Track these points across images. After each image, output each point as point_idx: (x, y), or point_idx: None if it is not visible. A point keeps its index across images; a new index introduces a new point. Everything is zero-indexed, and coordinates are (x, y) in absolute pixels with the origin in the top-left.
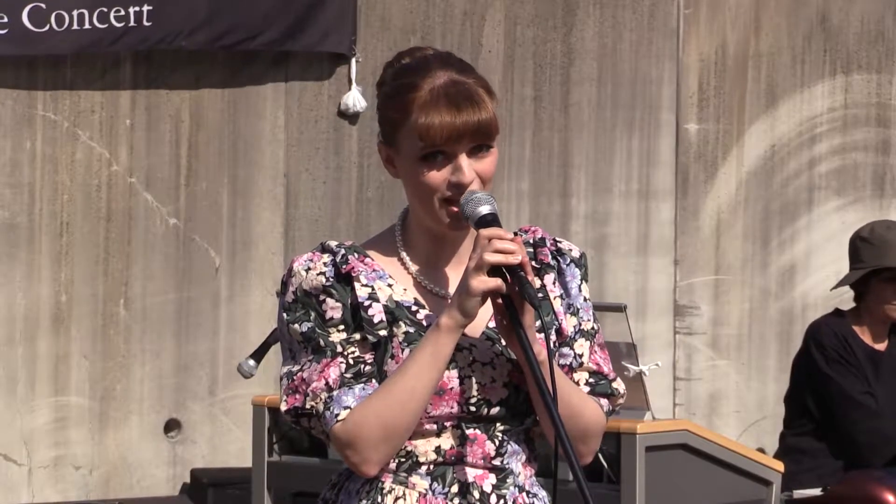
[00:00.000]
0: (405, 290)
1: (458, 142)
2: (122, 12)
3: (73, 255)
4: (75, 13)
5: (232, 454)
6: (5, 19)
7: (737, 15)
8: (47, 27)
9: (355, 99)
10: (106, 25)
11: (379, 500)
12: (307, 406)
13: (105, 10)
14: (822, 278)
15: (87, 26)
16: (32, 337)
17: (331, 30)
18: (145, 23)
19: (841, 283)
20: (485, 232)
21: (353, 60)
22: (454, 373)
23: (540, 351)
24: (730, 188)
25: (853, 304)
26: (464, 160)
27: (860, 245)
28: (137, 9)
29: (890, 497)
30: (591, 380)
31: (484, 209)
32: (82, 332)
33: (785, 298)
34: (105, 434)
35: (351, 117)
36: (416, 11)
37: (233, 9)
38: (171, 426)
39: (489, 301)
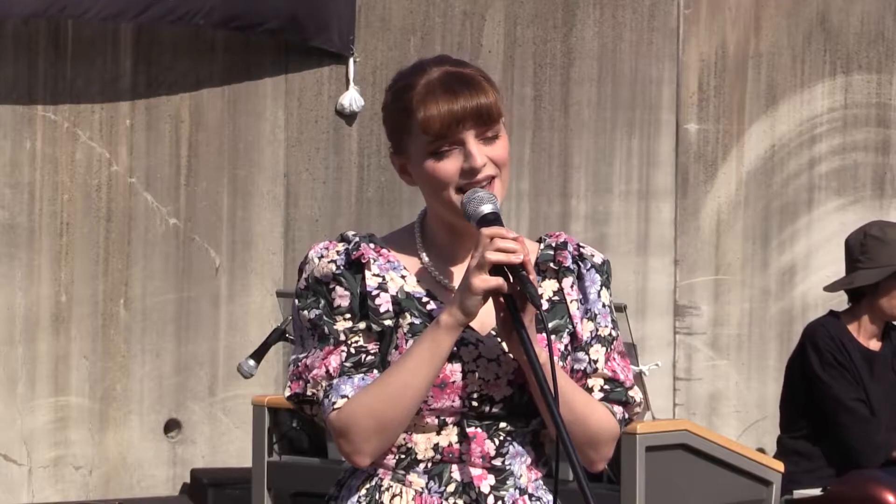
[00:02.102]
0: (418, 281)
1: (462, 127)
2: None
3: (73, 255)
4: None
5: (232, 454)
6: None
7: (737, 15)
8: None
9: (352, 99)
10: None
11: (377, 496)
12: (308, 393)
13: None
14: (822, 278)
15: None
16: (32, 337)
17: (331, 29)
18: None
19: (854, 283)
20: (487, 231)
21: (351, 60)
22: (458, 366)
23: (541, 352)
24: (730, 188)
25: (848, 305)
26: (472, 145)
27: (871, 243)
28: None
29: (890, 497)
30: (605, 386)
31: (486, 208)
32: (82, 332)
33: (785, 298)
34: (105, 434)
35: (348, 117)
36: (416, 11)
37: None
38: (171, 426)
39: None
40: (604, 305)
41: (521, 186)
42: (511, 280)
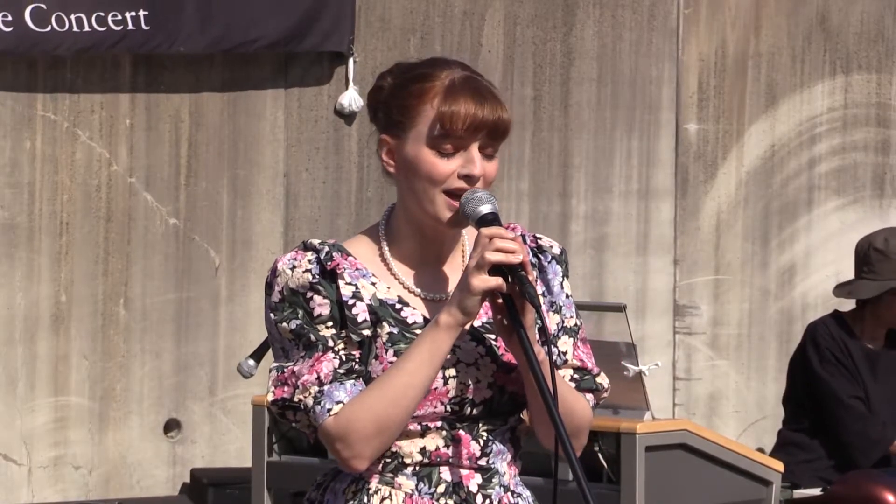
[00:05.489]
0: (389, 287)
1: (476, 133)
2: (119, 17)
3: (73, 255)
4: (73, 17)
5: (232, 454)
6: (9, 17)
7: (737, 15)
8: (49, 28)
9: (352, 99)
10: (104, 29)
11: (365, 500)
12: (295, 399)
13: (102, 14)
14: (821, 278)
15: (86, 29)
16: (32, 337)
17: (330, 30)
18: (143, 27)
19: (853, 295)
20: (486, 231)
21: (351, 60)
22: (438, 373)
23: (539, 351)
24: (730, 188)
25: (853, 307)
26: (476, 153)
27: (874, 256)
28: (134, 14)
29: (890, 497)
30: (575, 375)
31: (485, 208)
32: (82, 332)
33: (785, 298)
34: (105, 434)
35: (347, 117)
36: (416, 11)
37: (229, 13)
38: (171, 426)
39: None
40: (567, 296)
41: (520, 186)
42: (510, 280)
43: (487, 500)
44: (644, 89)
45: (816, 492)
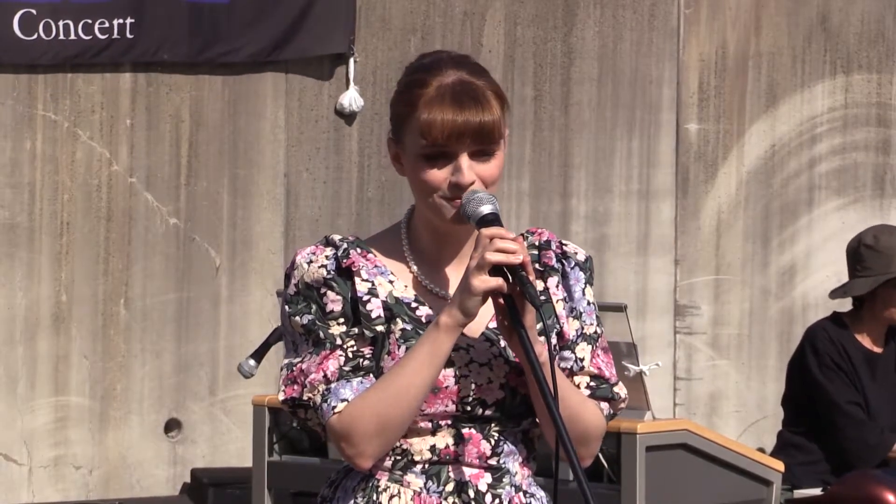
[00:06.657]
0: (406, 286)
1: (460, 141)
2: (107, 24)
3: (73, 255)
4: (61, 24)
5: (232, 454)
6: None
7: (737, 15)
8: (36, 36)
9: (352, 99)
10: (90, 37)
11: (374, 497)
12: (304, 397)
13: (90, 21)
14: (822, 278)
15: (72, 37)
16: (32, 337)
17: (320, 35)
18: (128, 35)
19: (848, 293)
20: (486, 231)
21: (352, 60)
22: (450, 371)
23: (541, 352)
24: (730, 188)
25: (851, 307)
26: (464, 161)
27: (865, 252)
28: (121, 21)
29: (890, 497)
30: (591, 383)
31: (485, 209)
32: (82, 332)
33: (785, 298)
34: (105, 434)
35: (347, 117)
36: (416, 11)
37: (215, 21)
38: (171, 426)
39: (490, 301)
40: (588, 303)
41: (521, 186)
42: (511, 280)
43: (497, 500)
44: (644, 89)
45: (816, 492)
